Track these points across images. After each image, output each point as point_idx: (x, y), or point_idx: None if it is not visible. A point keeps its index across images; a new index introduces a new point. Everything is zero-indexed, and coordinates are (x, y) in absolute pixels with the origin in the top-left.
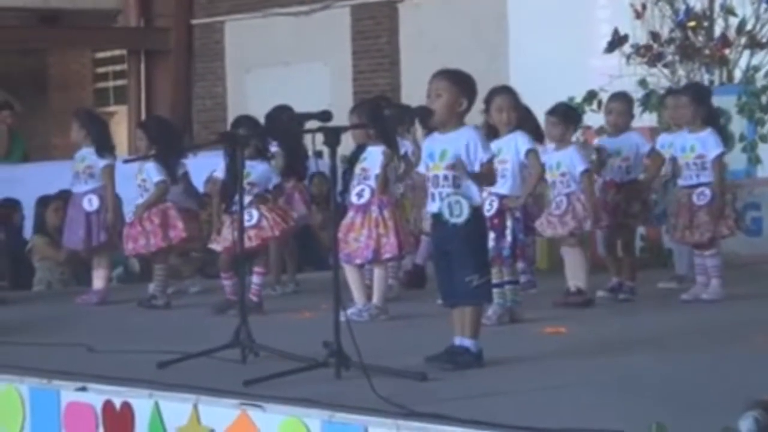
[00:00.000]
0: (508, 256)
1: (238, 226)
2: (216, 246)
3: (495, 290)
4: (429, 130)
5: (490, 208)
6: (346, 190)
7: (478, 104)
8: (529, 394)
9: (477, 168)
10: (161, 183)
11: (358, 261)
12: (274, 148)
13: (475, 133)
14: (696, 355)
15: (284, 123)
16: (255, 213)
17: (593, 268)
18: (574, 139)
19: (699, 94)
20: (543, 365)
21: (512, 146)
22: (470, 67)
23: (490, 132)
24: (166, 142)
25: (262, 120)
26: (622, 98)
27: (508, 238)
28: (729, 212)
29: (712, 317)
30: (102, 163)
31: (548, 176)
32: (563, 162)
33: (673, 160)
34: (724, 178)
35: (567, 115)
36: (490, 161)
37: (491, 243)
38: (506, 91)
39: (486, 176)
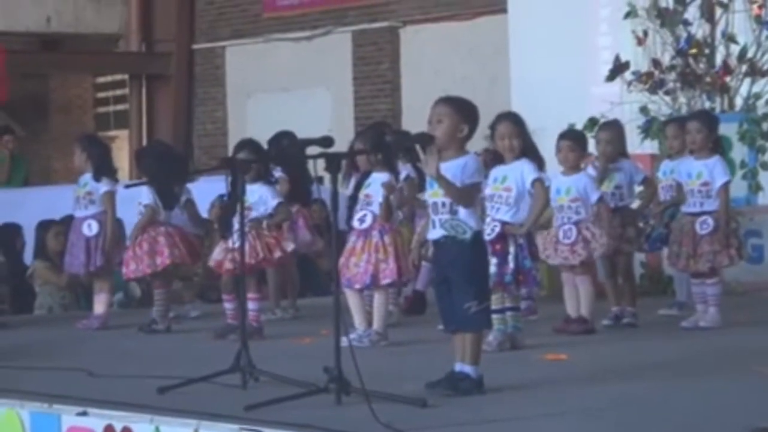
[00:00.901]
0: (510, 282)
1: (239, 249)
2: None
3: (496, 316)
4: None
5: (491, 233)
6: (351, 217)
7: (483, 130)
8: (530, 420)
9: None
10: (148, 207)
11: (358, 286)
12: (278, 173)
13: (473, 160)
14: (696, 383)
15: (286, 148)
16: None
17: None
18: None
19: (710, 121)
20: (544, 392)
21: (518, 174)
22: (471, 94)
23: (496, 158)
24: (164, 168)
25: (264, 144)
26: (609, 127)
27: (511, 264)
28: (732, 241)
29: (713, 345)
30: (103, 188)
31: (554, 201)
32: (574, 187)
33: (678, 184)
34: (729, 206)
35: (581, 140)
36: (474, 185)
37: (493, 269)
38: (510, 118)
39: (459, 191)
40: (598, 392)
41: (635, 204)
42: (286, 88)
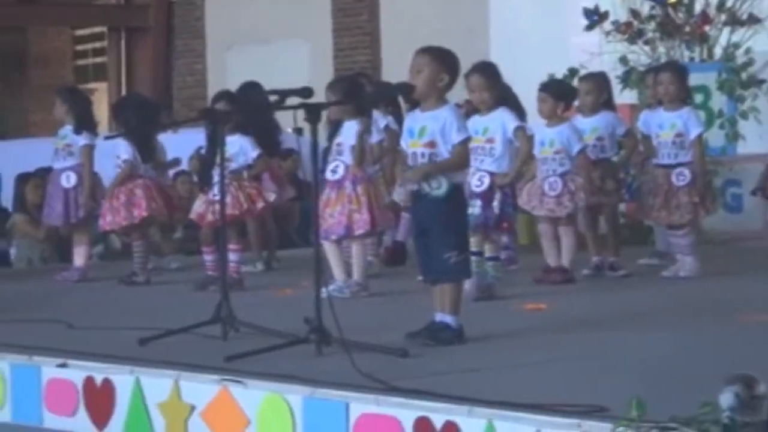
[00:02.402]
0: (492, 225)
1: (220, 201)
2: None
3: (474, 259)
4: (412, 105)
5: (480, 184)
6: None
7: (463, 81)
8: (510, 369)
9: (449, 149)
10: (127, 162)
11: (333, 237)
12: None
13: (453, 113)
14: (676, 332)
15: (260, 98)
16: None
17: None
18: None
19: (681, 71)
20: (523, 341)
21: (499, 124)
22: (451, 45)
23: (475, 109)
24: (140, 121)
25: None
26: (588, 79)
27: (495, 210)
28: (707, 192)
29: (693, 294)
30: (81, 141)
31: (539, 152)
32: (557, 139)
33: (646, 137)
34: (704, 157)
35: (557, 91)
36: (463, 143)
37: (478, 210)
38: (480, 70)
39: (454, 163)
40: (578, 341)
41: (616, 157)
42: (265, 40)
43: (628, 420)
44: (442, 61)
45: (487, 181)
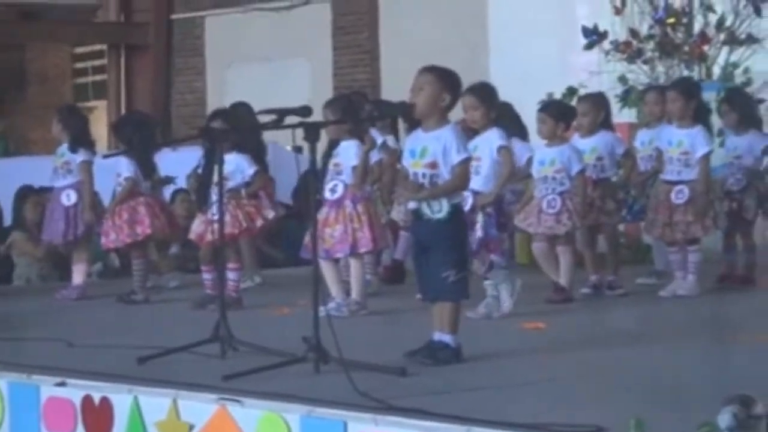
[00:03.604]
0: (475, 250)
1: (218, 220)
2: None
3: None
4: (411, 125)
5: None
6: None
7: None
8: (509, 389)
9: (448, 170)
10: (129, 179)
11: (339, 255)
12: None
13: (453, 133)
14: (675, 351)
15: (251, 117)
16: None
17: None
18: None
19: (689, 89)
20: (522, 360)
21: (487, 143)
22: (451, 63)
23: (470, 128)
24: (141, 138)
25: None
26: (585, 100)
27: (478, 233)
28: (709, 212)
29: (691, 313)
30: (79, 158)
31: (538, 172)
32: (558, 159)
33: (659, 152)
34: (709, 176)
35: (557, 111)
36: (463, 163)
37: None
38: (472, 90)
39: (452, 185)
40: (576, 360)
41: (615, 177)
42: (265, 59)
43: None
44: (445, 80)
45: (470, 201)
